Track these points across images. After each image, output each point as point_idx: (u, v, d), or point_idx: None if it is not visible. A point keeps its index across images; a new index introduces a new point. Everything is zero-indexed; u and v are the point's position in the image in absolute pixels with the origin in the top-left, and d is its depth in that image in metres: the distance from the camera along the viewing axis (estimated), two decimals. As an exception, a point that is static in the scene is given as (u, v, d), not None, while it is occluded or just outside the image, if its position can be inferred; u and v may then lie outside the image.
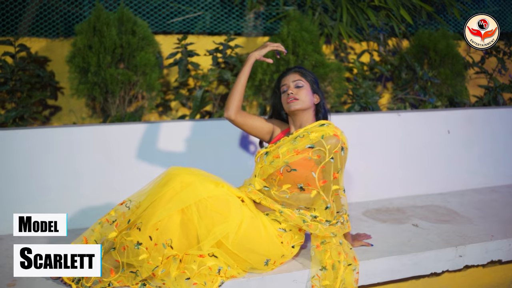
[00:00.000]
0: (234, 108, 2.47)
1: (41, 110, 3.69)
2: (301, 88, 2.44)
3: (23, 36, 3.57)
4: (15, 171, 2.86)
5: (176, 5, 3.80)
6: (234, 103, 2.47)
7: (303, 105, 2.43)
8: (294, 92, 2.42)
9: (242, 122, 2.52)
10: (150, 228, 2.19)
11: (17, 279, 2.31)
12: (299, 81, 2.45)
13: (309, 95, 2.45)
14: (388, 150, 3.48)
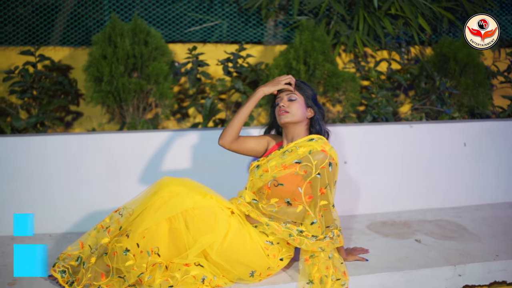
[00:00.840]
0: (230, 139, 2.49)
1: (64, 116, 3.87)
2: (293, 101, 2.45)
3: (47, 45, 3.76)
4: (31, 175, 3.03)
5: (194, 14, 3.88)
6: (231, 134, 2.48)
7: (293, 118, 2.44)
8: (285, 105, 2.44)
9: (237, 149, 2.55)
10: (138, 235, 2.27)
11: (18, 278, 2.46)
12: (292, 94, 2.45)
13: (301, 108, 2.46)
14: (399, 162, 3.42)
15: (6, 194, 2.99)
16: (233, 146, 2.52)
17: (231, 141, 2.50)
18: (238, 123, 2.49)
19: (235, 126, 2.48)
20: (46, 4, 3.81)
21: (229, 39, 3.95)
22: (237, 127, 2.49)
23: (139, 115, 3.57)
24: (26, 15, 3.84)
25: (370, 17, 3.76)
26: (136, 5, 3.82)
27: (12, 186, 2.99)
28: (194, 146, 3.14)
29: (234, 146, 2.52)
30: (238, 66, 3.57)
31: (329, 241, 2.42)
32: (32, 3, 3.86)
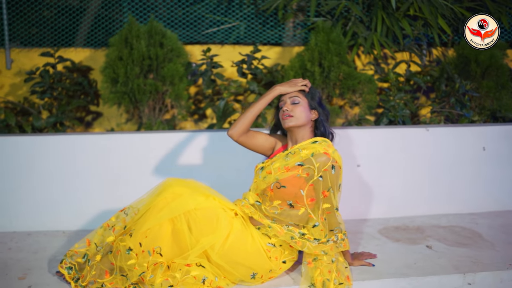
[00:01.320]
0: (239, 130, 2.49)
1: (84, 116, 3.97)
2: (297, 104, 2.43)
3: (69, 47, 3.86)
4: (48, 173, 3.12)
5: (212, 16, 3.91)
6: (242, 127, 2.49)
7: (297, 122, 2.42)
8: (289, 109, 2.42)
9: (245, 143, 2.55)
10: (140, 235, 2.31)
11: (28, 273, 2.54)
12: (295, 97, 2.44)
13: (305, 111, 2.44)
14: (415, 166, 3.35)
15: (23, 192, 3.08)
16: (241, 139, 2.52)
17: (241, 133, 2.50)
18: (250, 117, 2.49)
19: (246, 119, 2.49)
20: (68, 7, 3.91)
21: (246, 40, 3.96)
22: (248, 120, 2.49)
23: (155, 115, 3.62)
24: (50, 18, 3.96)
25: (389, 18, 3.70)
26: (155, 7, 3.88)
27: (29, 184, 3.09)
28: (202, 147, 3.17)
29: (242, 138, 2.52)
30: (253, 67, 3.58)
31: (332, 244, 2.40)
32: (56, 5, 3.97)
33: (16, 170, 3.08)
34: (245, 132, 2.51)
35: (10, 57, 3.82)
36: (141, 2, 3.87)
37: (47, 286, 2.39)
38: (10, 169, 3.08)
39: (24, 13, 3.83)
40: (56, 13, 3.90)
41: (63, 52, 3.83)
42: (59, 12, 3.92)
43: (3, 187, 3.08)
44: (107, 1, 3.90)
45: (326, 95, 3.60)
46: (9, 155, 3.08)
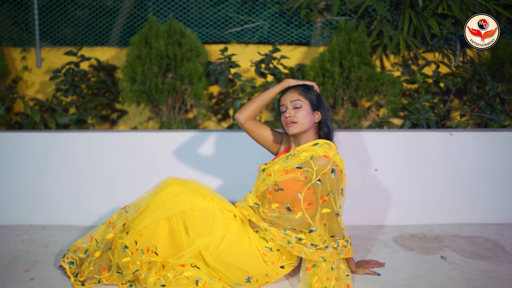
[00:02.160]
0: (247, 115, 2.48)
1: (110, 114, 4.05)
2: (299, 108, 2.34)
3: (95, 46, 3.95)
4: (64, 169, 3.20)
5: (236, 15, 3.89)
6: (249, 111, 2.47)
7: (302, 128, 2.34)
8: (292, 115, 2.33)
9: (251, 129, 2.52)
10: (136, 233, 2.32)
11: (34, 265, 2.60)
12: (297, 101, 2.35)
13: (308, 115, 2.35)
14: (437, 171, 3.18)
15: (40, 186, 3.18)
16: (247, 124, 2.50)
17: (248, 117, 2.48)
18: (258, 103, 2.48)
19: (255, 104, 2.48)
20: (102, 7, 4.00)
21: (272, 40, 3.90)
22: (256, 105, 2.48)
23: (175, 114, 3.64)
24: (79, 17, 4.06)
25: (417, 17, 3.54)
26: (179, 6, 3.89)
27: (47, 179, 3.18)
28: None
29: (248, 124, 2.50)
30: (272, 67, 3.52)
31: (332, 251, 2.31)
32: (90, 6, 4.08)
33: (35, 165, 3.18)
34: (252, 118, 2.50)
35: (41, 56, 3.95)
36: (166, 1, 3.90)
37: (48, 279, 2.45)
38: (30, 164, 3.18)
39: (54, 13, 3.95)
40: (85, 12, 4.00)
41: (90, 51, 3.93)
42: (91, 11, 4.02)
43: (23, 181, 3.18)
44: (139, 1, 3.96)
45: (347, 96, 3.49)
46: (29, 151, 3.18)
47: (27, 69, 3.93)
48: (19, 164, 3.18)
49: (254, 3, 3.88)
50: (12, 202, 3.19)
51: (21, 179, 3.18)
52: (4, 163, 3.18)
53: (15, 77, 3.88)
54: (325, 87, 3.38)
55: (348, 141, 3.17)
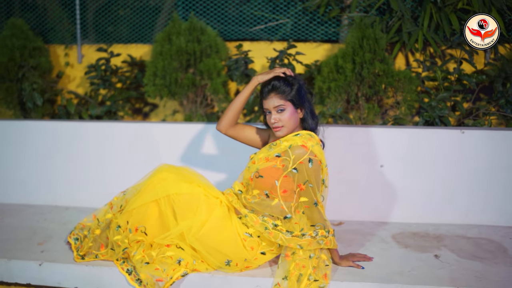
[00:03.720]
0: (225, 124, 2.59)
1: (142, 107, 4.31)
2: (283, 111, 2.39)
3: (130, 43, 4.22)
4: (87, 156, 3.49)
5: (260, 12, 3.99)
6: (227, 120, 2.58)
7: (288, 129, 2.42)
8: (277, 120, 2.39)
9: (234, 135, 2.64)
10: (128, 214, 2.50)
11: (48, 240, 2.87)
12: (279, 105, 2.37)
13: (292, 115, 2.40)
14: (446, 170, 3.11)
15: (66, 171, 3.48)
16: (230, 132, 2.61)
17: (227, 127, 2.59)
18: (234, 110, 2.57)
19: (230, 112, 2.57)
20: (143, 6, 4.26)
21: (292, 37, 3.97)
22: (233, 113, 2.57)
23: (197, 108, 3.82)
24: (126, 16, 4.35)
25: (438, 13, 3.46)
26: (207, 5, 4.06)
27: (71, 165, 3.48)
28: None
29: (230, 132, 2.61)
30: (287, 63, 3.60)
31: (310, 239, 2.36)
32: (132, 5, 4.35)
33: (63, 152, 3.49)
34: (232, 126, 2.59)
35: (81, 52, 4.28)
36: (195, 0, 4.08)
37: (55, 252, 2.70)
38: (58, 151, 3.49)
39: (95, 12, 4.27)
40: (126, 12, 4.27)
41: (125, 48, 4.21)
42: (132, 10, 4.28)
43: (52, 166, 3.50)
44: (176, 0, 4.17)
45: (362, 92, 3.48)
46: (58, 138, 3.50)
47: (68, 64, 4.28)
48: (49, 151, 3.50)
49: (278, 0, 3.97)
50: (41, 184, 3.52)
51: (50, 164, 3.50)
52: (36, 149, 3.51)
53: (58, 72, 4.25)
54: (337, 83, 3.40)
55: (354, 137, 3.19)
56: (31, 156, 3.53)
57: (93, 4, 4.27)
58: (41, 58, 3.97)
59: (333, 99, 3.47)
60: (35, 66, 3.92)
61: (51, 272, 2.59)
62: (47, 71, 4.10)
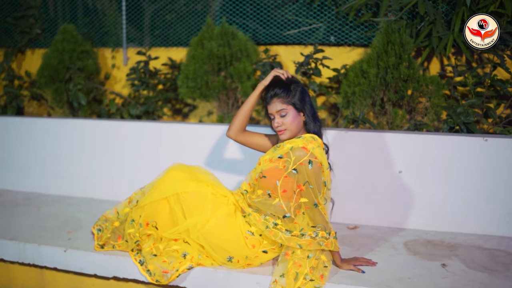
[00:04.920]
0: (235, 130, 2.71)
1: (182, 108, 4.51)
2: (285, 116, 2.48)
3: (171, 46, 4.44)
4: (121, 152, 3.73)
5: (294, 17, 4.06)
6: (236, 126, 2.70)
7: (291, 133, 2.51)
8: (280, 124, 2.49)
9: (244, 141, 2.75)
10: (140, 209, 2.69)
11: (77, 229, 3.13)
12: (282, 110, 2.47)
13: (295, 119, 2.49)
14: (467, 178, 3.03)
15: (101, 166, 3.74)
16: (239, 138, 2.72)
17: (236, 133, 2.70)
18: (242, 116, 2.68)
19: (238, 119, 2.69)
20: (189, 11, 4.46)
21: (324, 41, 4.00)
22: (241, 119, 2.68)
23: (228, 110, 3.96)
24: (173, 21, 4.57)
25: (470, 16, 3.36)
26: (243, 10, 4.18)
27: (107, 160, 3.74)
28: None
29: (240, 138, 2.72)
30: (314, 67, 3.64)
31: (310, 240, 2.42)
32: (179, 10, 4.57)
33: (101, 148, 3.76)
34: (241, 132, 2.70)
35: (127, 55, 4.55)
36: (232, 5, 4.22)
37: (80, 241, 2.94)
38: (98, 147, 3.77)
39: (140, 16, 4.53)
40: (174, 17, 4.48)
41: (166, 51, 4.43)
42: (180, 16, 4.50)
43: (90, 161, 3.78)
44: (221, 5, 4.34)
45: (387, 97, 3.46)
46: (98, 136, 3.77)
47: (115, 66, 4.57)
48: (88, 147, 3.79)
49: (311, 5, 4.01)
50: (80, 178, 3.81)
51: (89, 160, 3.78)
52: (77, 145, 3.81)
53: (106, 73, 4.55)
54: (362, 87, 3.41)
55: (374, 141, 3.18)
56: (72, 151, 3.83)
57: (144, 9, 4.52)
58: (88, 60, 4.28)
59: (358, 103, 3.48)
60: (82, 68, 4.23)
61: (74, 258, 2.83)
62: (94, 73, 4.41)
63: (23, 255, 2.94)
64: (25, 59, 4.88)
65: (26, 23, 4.69)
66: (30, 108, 4.75)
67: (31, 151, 3.98)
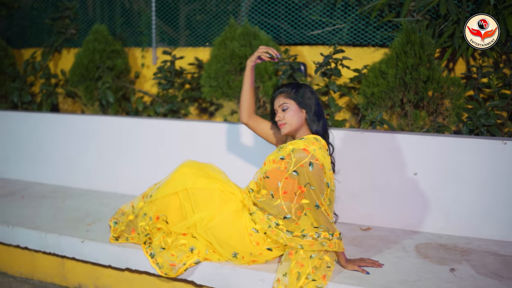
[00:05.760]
0: (244, 112, 2.79)
1: (208, 106, 4.60)
2: (286, 110, 2.54)
3: (198, 46, 4.54)
4: (144, 149, 3.85)
5: (318, 17, 4.06)
6: (243, 108, 2.78)
7: (291, 127, 2.54)
8: (281, 118, 2.55)
9: (254, 126, 2.81)
10: (151, 203, 2.78)
11: (97, 221, 3.25)
12: (283, 104, 2.54)
13: (296, 114, 2.53)
14: (485, 182, 2.95)
15: (125, 162, 3.87)
16: (250, 122, 2.82)
17: (247, 116, 2.81)
18: (244, 96, 2.79)
19: (242, 99, 2.80)
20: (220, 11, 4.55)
21: (347, 41, 3.99)
22: (244, 99, 2.79)
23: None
24: (201, 21, 4.68)
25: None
26: (268, 11, 4.22)
27: (129, 157, 3.87)
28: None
29: (250, 122, 2.82)
30: (333, 67, 3.63)
31: (312, 241, 2.44)
32: (204, 11, 4.67)
33: (126, 144, 3.89)
34: (251, 115, 2.80)
35: (156, 55, 4.68)
36: (257, 6, 4.27)
37: (97, 232, 3.06)
38: (122, 143, 3.90)
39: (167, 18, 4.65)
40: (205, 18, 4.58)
41: (194, 51, 4.53)
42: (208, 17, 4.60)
43: (115, 157, 3.92)
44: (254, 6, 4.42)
45: (407, 98, 3.41)
46: (122, 132, 3.90)
47: (144, 66, 4.71)
48: (114, 143, 3.93)
49: (335, 6, 4.01)
50: (104, 173, 3.96)
51: (113, 155, 3.92)
52: (103, 141, 3.96)
53: (135, 72, 4.69)
54: (380, 88, 3.38)
55: (390, 143, 3.15)
56: (99, 147, 3.99)
57: (176, 9, 4.63)
58: (117, 60, 4.43)
59: (377, 104, 3.45)
60: (111, 67, 4.39)
61: (91, 249, 2.95)
62: (124, 72, 4.56)
63: (45, 244, 3.09)
64: (61, 58, 5.10)
65: (62, 23, 4.91)
66: (65, 105, 4.97)
67: (61, 146, 4.17)
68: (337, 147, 3.14)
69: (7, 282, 3.26)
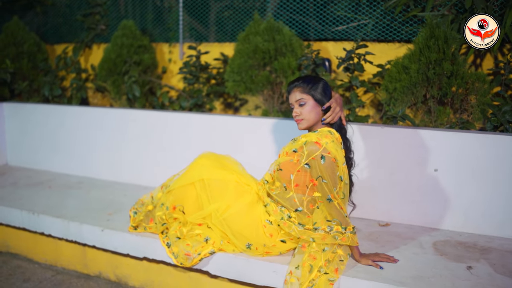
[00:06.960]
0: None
1: (233, 102, 4.63)
2: (303, 105, 2.52)
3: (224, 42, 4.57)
4: (167, 141, 3.91)
5: (343, 13, 4.03)
6: None
7: (308, 123, 2.54)
8: (298, 113, 2.53)
9: None
10: (169, 194, 2.82)
11: (117, 211, 3.33)
12: (300, 99, 2.52)
13: (313, 109, 2.52)
14: (508, 180, 2.88)
15: (148, 154, 3.94)
16: None
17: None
18: None
19: None
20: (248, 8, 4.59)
21: (371, 37, 3.94)
22: None
23: (273, 104, 4.02)
24: (229, 18, 4.72)
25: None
26: (293, 6, 4.23)
27: (152, 149, 3.94)
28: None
29: None
30: (356, 63, 3.60)
31: (323, 234, 2.43)
32: (232, 7, 4.71)
33: (150, 137, 3.96)
34: None
35: (183, 50, 4.75)
36: (283, 2, 4.28)
37: (117, 222, 3.14)
38: (147, 136, 3.97)
39: (196, 15, 4.70)
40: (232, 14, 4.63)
41: (219, 46, 4.57)
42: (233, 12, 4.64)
43: (139, 150, 4.00)
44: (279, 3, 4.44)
45: (430, 94, 3.35)
46: (147, 126, 3.98)
47: (171, 61, 4.78)
48: (139, 136, 4.01)
49: (361, 1, 3.97)
50: (128, 165, 4.04)
51: (138, 148, 4.00)
52: (128, 134, 4.04)
53: (163, 67, 4.77)
54: (402, 83, 3.33)
55: (411, 138, 3.10)
56: (125, 139, 4.07)
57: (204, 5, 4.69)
58: (144, 55, 4.51)
59: (400, 100, 3.40)
60: (139, 62, 4.48)
61: (110, 238, 3.03)
62: (151, 67, 4.65)
63: (67, 232, 3.18)
64: (92, 53, 5.24)
65: (93, 20, 5.04)
66: (95, 99, 5.10)
67: (88, 138, 4.28)
68: (357, 142, 3.11)
69: (32, 268, 3.38)
